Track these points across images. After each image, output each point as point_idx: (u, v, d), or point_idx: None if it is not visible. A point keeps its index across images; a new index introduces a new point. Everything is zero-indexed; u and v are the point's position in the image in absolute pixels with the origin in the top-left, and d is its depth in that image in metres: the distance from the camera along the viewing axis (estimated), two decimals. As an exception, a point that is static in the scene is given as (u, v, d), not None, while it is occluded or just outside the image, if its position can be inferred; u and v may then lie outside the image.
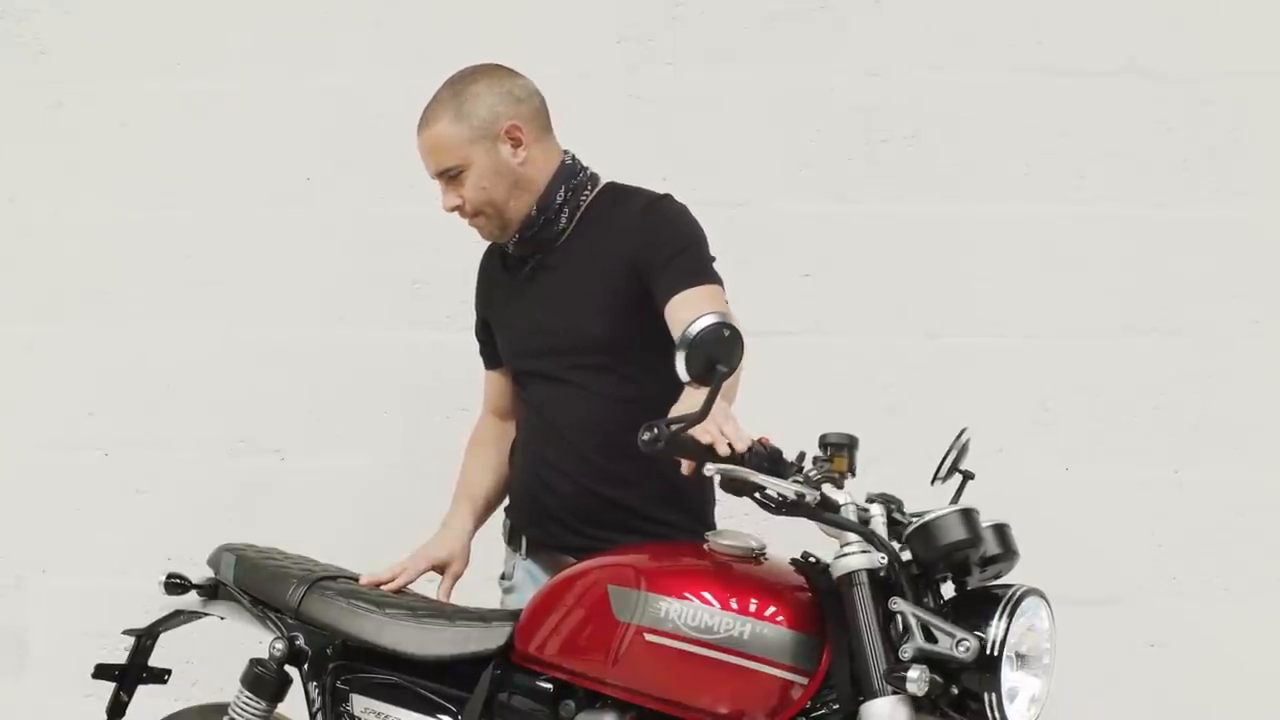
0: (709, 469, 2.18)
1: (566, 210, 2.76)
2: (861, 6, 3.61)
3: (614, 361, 2.70)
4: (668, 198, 2.78)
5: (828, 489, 2.24)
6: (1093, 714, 3.38)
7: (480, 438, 3.01)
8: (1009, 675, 2.15)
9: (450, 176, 2.75)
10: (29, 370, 3.85)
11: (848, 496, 2.24)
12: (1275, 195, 3.52)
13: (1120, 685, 3.49)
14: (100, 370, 3.82)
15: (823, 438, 2.30)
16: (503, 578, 2.91)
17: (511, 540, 2.88)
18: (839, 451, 2.28)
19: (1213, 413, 3.51)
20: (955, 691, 2.16)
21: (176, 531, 3.65)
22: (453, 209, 2.77)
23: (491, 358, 2.98)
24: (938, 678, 2.13)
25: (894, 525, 2.25)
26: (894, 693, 2.13)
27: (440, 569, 2.85)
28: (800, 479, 2.24)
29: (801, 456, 2.30)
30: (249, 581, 2.79)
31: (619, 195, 2.80)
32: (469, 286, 2.99)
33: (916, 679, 2.10)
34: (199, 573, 2.87)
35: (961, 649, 2.12)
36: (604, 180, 2.83)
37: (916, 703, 2.15)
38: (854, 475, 2.30)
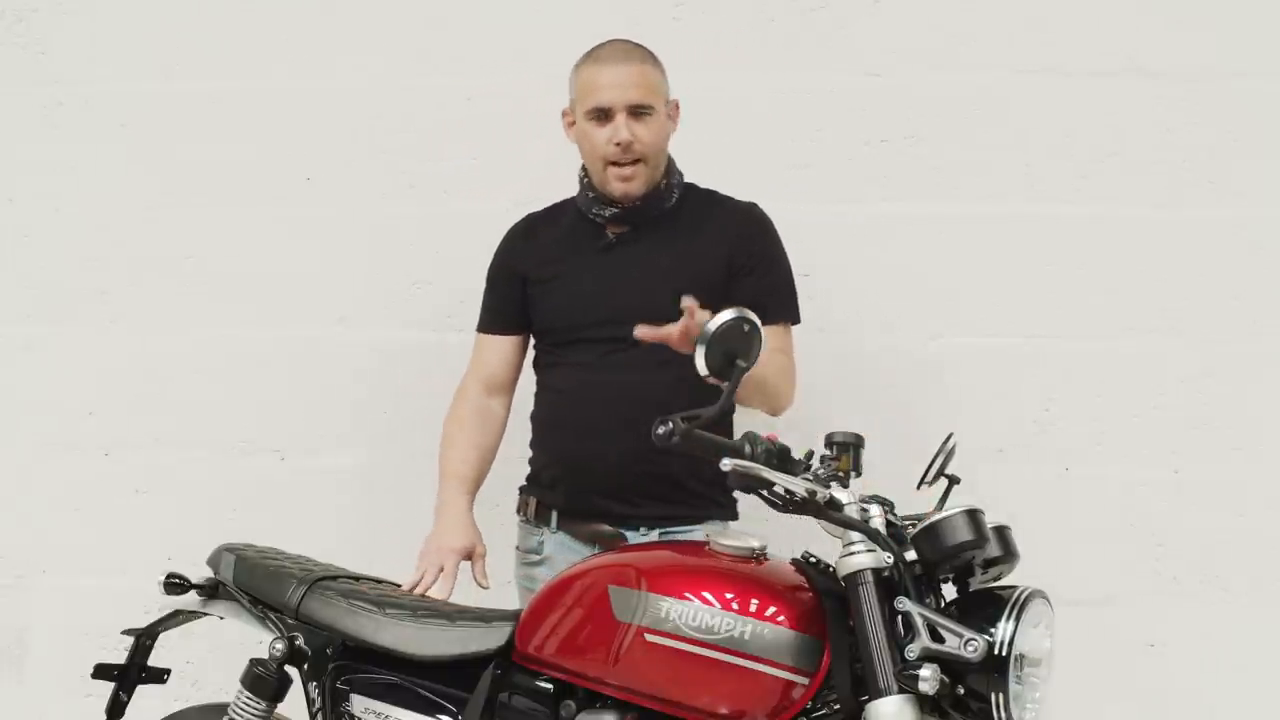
0: (724, 464, 2.18)
1: (677, 193, 2.93)
2: (861, 6, 3.61)
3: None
4: (758, 206, 2.97)
5: (834, 488, 2.24)
6: (1093, 714, 3.38)
7: (464, 414, 3.02)
8: (1014, 676, 2.15)
9: (637, 113, 2.85)
10: (29, 370, 3.84)
11: (851, 496, 2.25)
12: (1275, 195, 3.51)
13: (1120, 685, 3.49)
14: (100, 370, 3.81)
15: (829, 436, 2.31)
16: (530, 552, 2.92)
17: (538, 517, 2.91)
18: (845, 450, 2.28)
19: (1213, 413, 3.51)
20: (961, 691, 2.16)
21: (176, 531, 3.64)
22: (626, 143, 2.84)
23: (503, 322, 3.00)
24: (945, 678, 2.13)
25: (889, 526, 2.25)
26: (901, 691, 2.13)
27: (466, 557, 2.87)
28: (809, 477, 2.24)
29: (810, 455, 2.31)
30: (249, 581, 2.78)
31: (706, 194, 2.99)
32: (469, 286, 2.99)
33: (929, 678, 2.10)
34: (199, 573, 2.87)
35: (970, 649, 2.12)
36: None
37: (919, 702, 2.15)
38: (859, 474, 2.30)
